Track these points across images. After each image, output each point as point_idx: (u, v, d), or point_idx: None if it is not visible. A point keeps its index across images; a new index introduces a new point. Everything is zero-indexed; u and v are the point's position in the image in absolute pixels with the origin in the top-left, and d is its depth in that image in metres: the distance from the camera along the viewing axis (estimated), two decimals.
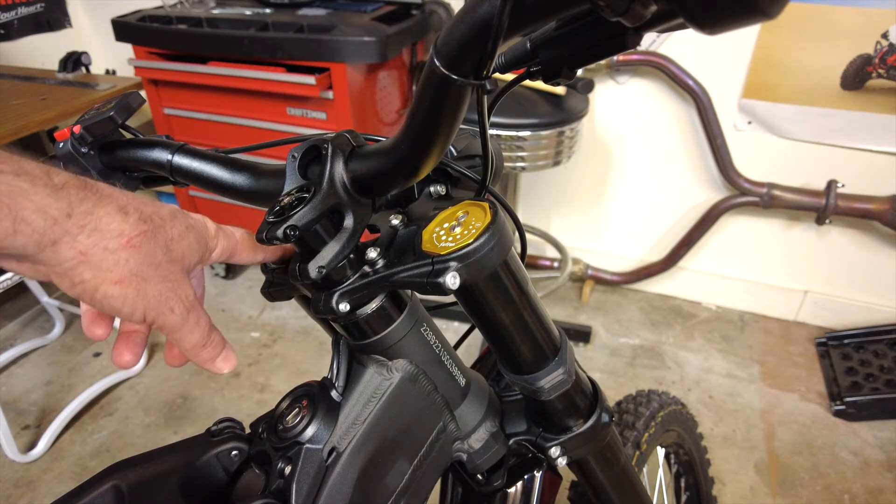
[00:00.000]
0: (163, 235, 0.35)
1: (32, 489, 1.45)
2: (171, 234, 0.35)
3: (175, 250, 0.36)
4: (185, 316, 0.36)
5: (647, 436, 0.84)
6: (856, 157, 1.67)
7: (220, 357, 0.40)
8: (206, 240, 0.39)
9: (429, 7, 1.75)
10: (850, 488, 1.45)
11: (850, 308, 1.90)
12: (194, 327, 0.37)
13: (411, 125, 0.35)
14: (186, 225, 0.37)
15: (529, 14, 0.28)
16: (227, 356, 0.40)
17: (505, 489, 0.51)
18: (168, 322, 0.36)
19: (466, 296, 0.41)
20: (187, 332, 0.37)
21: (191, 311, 0.36)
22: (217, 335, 0.39)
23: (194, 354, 0.38)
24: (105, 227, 0.32)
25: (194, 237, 0.37)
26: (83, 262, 0.32)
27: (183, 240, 0.36)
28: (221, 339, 0.40)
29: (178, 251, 0.36)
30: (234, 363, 0.41)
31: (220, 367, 0.40)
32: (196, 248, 0.38)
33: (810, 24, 1.52)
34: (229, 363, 0.40)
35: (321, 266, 0.37)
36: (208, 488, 0.41)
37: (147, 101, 1.87)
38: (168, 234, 0.35)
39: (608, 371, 1.79)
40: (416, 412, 0.43)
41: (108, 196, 0.33)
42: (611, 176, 1.98)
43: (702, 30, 0.24)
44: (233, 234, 0.42)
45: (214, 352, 0.39)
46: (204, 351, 0.38)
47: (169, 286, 0.35)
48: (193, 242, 0.37)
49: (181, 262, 0.36)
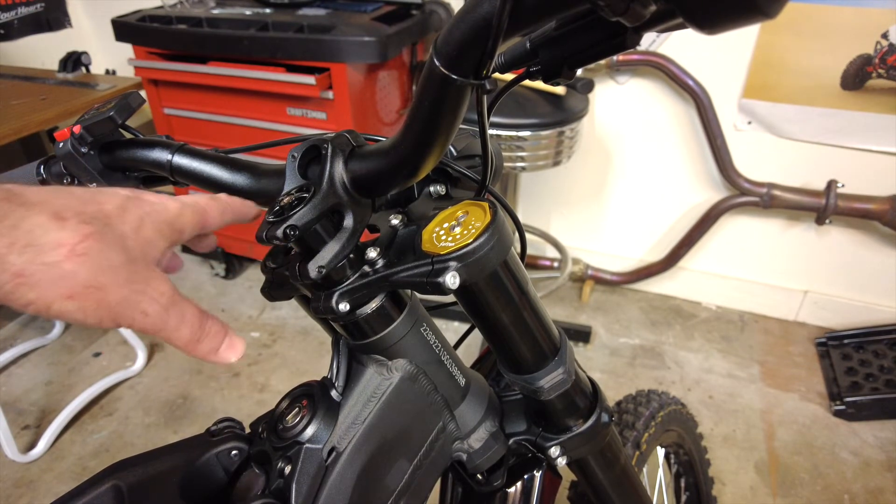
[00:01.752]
0: (113, 234, 0.31)
1: (32, 489, 1.45)
2: (123, 230, 0.31)
3: (133, 247, 0.32)
4: (164, 315, 0.32)
5: (646, 436, 0.84)
6: (856, 157, 1.67)
7: (224, 346, 0.36)
8: (170, 222, 0.35)
9: (429, 7, 1.75)
10: (850, 488, 1.45)
11: (850, 308, 1.90)
12: (179, 324, 0.33)
13: (411, 125, 0.35)
14: (141, 214, 0.33)
15: (529, 14, 0.28)
16: (232, 344, 0.37)
17: (505, 489, 0.51)
18: (145, 326, 0.32)
19: (466, 296, 0.41)
20: (172, 332, 0.33)
21: (170, 308, 0.32)
22: (213, 324, 0.36)
23: (190, 351, 0.35)
24: (39, 240, 0.28)
25: (153, 225, 0.33)
26: (22, 284, 0.28)
27: (140, 232, 0.32)
28: (220, 328, 0.36)
29: (138, 246, 0.32)
30: (241, 349, 0.37)
31: (224, 357, 0.36)
32: (159, 235, 0.34)
33: (810, 24, 1.52)
34: (234, 351, 0.37)
35: (321, 266, 0.37)
36: (208, 488, 0.41)
37: (147, 101, 1.87)
38: (120, 230, 0.31)
39: (608, 371, 1.79)
40: (415, 412, 0.43)
41: (38, 203, 0.29)
42: (611, 176, 1.98)
43: (701, 30, 0.24)
44: (197, 203, 0.38)
45: (213, 343, 0.35)
46: (200, 345, 0.35)
47: (135, 288, 0.31)
48: (154, 231, 0.33)
49: (145, 258, 0.32)
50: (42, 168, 0.50)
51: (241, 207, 0.42)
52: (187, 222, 0.36)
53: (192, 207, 0.37)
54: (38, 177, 0.50)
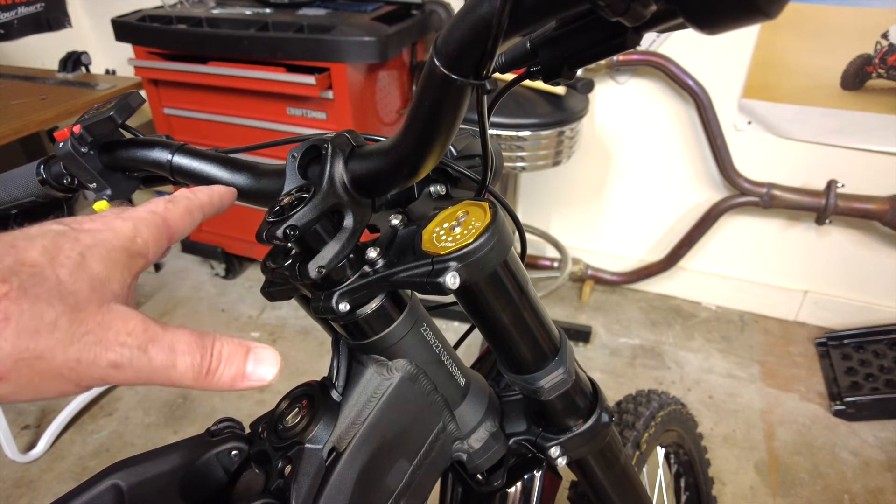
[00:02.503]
0: (43, 285, 0.24)
1: (32, 489, 1.45)
2: (58, 276, 0.25)
3: (77, 291, 0.25)
4: (143, 358, 0.26)
5: (646, 436, 0.84)
6: (856, 157, 1.67)
7: (251, 364, 0.29)
8: (124, 247, 0.29)
9: (429, 7, 1.75)
10: (850, 488, 1.45)
11: (850, 308, 1.90)
12: (171, 360, 0.27)
13: (411, 125, 0.35)
14: (80, 249, 0.27)
15: (529, 14, 0.28)
16: (260, 358, 0.30)
17: (505, 489, 0.51)
18: (126, 378, 0.26)
19: (466, 296, 0.41)
20: (166, 372, 0.27)
21: (149, 346, 0.26)
22: (222, 344, 0.29)
23: (207, 384, 0.28)
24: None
25: (101, 258, 0.27)
26: None
27: (84, 271, 0.26)
28: (235, 345, 0.29)
29: (84, 289, 0.26)
30: (275, 360, 0.30)
31: (259, 377, 0.29)
32: (113, 267, 0.27)
33: (810, 24, 1.52)
34: (266, 363, 0.30)
35: (321, 266, 0.37)
36: (208, 488, 0.41)
37: (147, 100, 1.87)
38: (52, 278, 0.25)
39: (608, 371, 1.79)
40: (415, 412, 0.43)
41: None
42: (611, 176, 1.98)
43: (702, 30, 0.24)
44: (153, 214, 0.31)
45: (233, 366, 0.29)
46: (216, 375, 0.28)
47: (88, 340, 0.25)
48: (104, 264, 0.27)
49: (96, 300, 0.26)
50: (42, 168, 0.50)
51: (209, 199, 0.36)
52: (147, 241, 0.30)
53: (146, 221, 0.31)
54: (37, 177, 0.50)
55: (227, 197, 0.38)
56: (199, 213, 0.35)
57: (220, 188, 0.38)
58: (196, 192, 0.35)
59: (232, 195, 0.39)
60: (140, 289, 2.18)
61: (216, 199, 0.37)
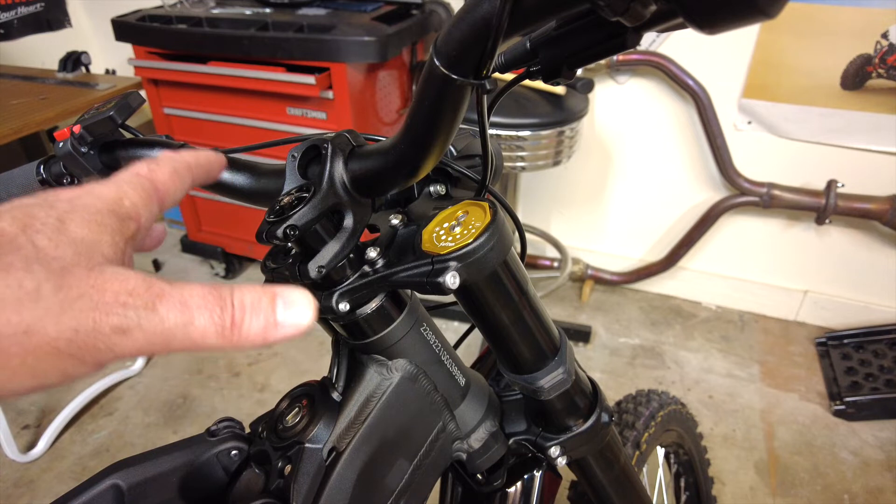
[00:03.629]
0: (18, 253, 0.21)
1: (32, 489, 1.45)
2: (33, 243, 0.22)
3: (60, 256, 0.22)
4: (153, 318, 0.22)
5: (646, 435, 0.84)
6: (856, 157, 1.67)
7: (281, 310, 0.25)
8: (110, 210, 0.26)
9: (429, 7, 1.75)
10: (850, 488, 1.45)
11: (849, 308, 1.90)
12: (187, 318, 0.23)
13: (411, 125, 0.35)
14: (58, 214, 0.24)
15: (529, 14, 0.28)
16: (290, 301, 0.25)
17: (505, 489, 0.51)
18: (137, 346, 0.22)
19: (466, 295, 0.41)
20: (182, 333, 0.23)
21: (157, 303, 0.23)
22: (242, 293, 0.25)
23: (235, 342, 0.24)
24: None
25: (84, 221, 0.24)
26: None
27: (66, 234, 0.23)
28: (257, 293, 0.25)
29: (66, 254, 0.23)
30: (309, 302, 0.25)
31: (295, 324, 0.25)
32: (100, 230, 0.25)
33: (810, 24, 1.52)
34: (300, 306, 0.25)
35: (321, 266, 0.37)
36: (208, 488, 0.41)
37: (147, 100, 1.87)
38: (27, 245, 0.22)
39: (608, 371, 1.79)
40: (415, 412, 0.43)
41: None
42: (611, 176, 1.98)
43: (701, 29, 0.24)
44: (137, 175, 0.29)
45: (261, 315, 0.24)
46: (243, 328, 0.24)
47: (84, 307, 0.21)
48: (89, 227, 0.24)
49: (84, 263, 0.23)
50: (42, 168, 0.50)
51: (195, 160, 0.33)
52: (136, 203, 0.27)
53: (132, 183, 0.28)
54: (37, 176, 0.50)
55: (216, 161, 0.35)
56: (187, 175, 0.32)
57: (207, 152, 0.35)
58: (181, 153, 0.32)
59: (221, 162, 0.36)
60: None
61: (203, 161, 0.34)
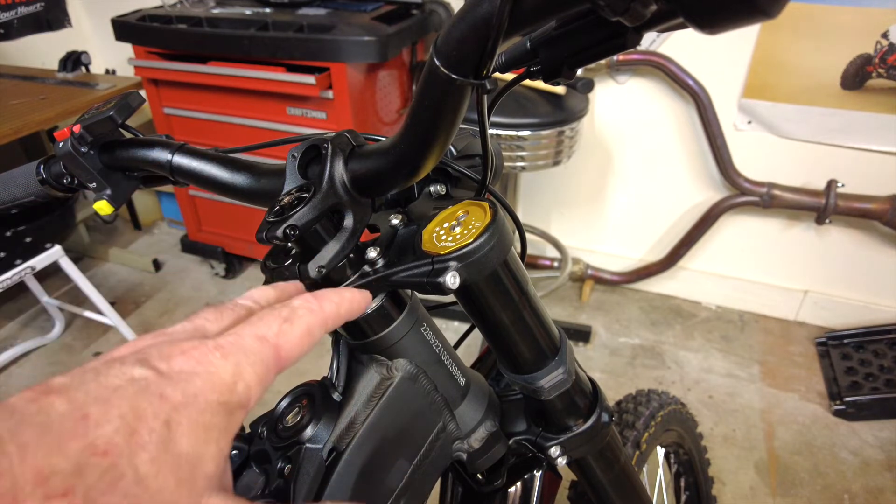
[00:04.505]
0: (118, 487, 0.17)
1: None
2: (136, 469, 0.18)
3: (160, 490, 0.18)
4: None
5: (646, 435, 0.84)
6: (856, 157, 1.67)
7: None
8: (223, 402, 0.21)
9: (429, 7, 1.75)
10: (850, 488, 1.45)
11: (850, 308, 1.90)
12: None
13: (411, 125, 0.35)
14: (167, 414, 0.19)
15: (529, 14, 0.28)
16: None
17: (505, 489, 0.51)
18: None
19: (466, 295, 0.41)
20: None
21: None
22: None
23: None
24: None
25: (190, 428, 0.20)
26: None
27: (168, 454, 0.19)
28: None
29: (167, 486, 0.19)
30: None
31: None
32: (207, 437, 0.20)
33: (810, 24, 1.52)
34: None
35: (321, 266, 0.37)
36: None
37: (147, 100, 1.87)
38: (130, 472, 0.18)
39: (608, 371, 1.79)
40: (416, 412, 0.43)
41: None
42: (611, 176, 1.98)
43: (702, 29, 0.24)
44: (264, 344, 0.24)
45: None
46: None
47: None
48: (197, 436, 0.20)
49: (185, 498, 0.19)
50: (42, 168, 0.50)
51: (336, 310, 0.28)
52: (251, 385, 0.22)
53: (253, 356, 0.23)
54: (37, 176, 0.50)
55: (360, 305, 0.30)
56: (320, 333, 0.27)
57: (352, 294, 0.30)
58: (323, 303, 0.27)
59: (366, 301, 0.31)
60: (140, 288, 2.18)
61: (344, 310, 0.29)
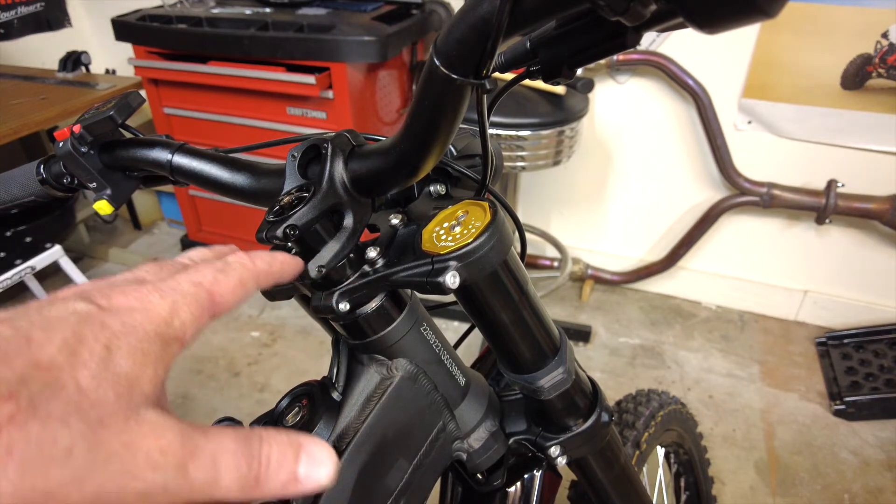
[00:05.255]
0: (61, 397, 0.19)
1: None
2: (77, 382, 0.20)
3: (100, 401, 0.20)
4: (180, 480, 0.21)
5: (646, 435, 0.84)
6: (856, 156, 1.67)
7: (304, 466, 0.25)
8: (159, 333, 0.23)
9: (429, 7, 1.75)
10: (850, 488, 1.45)
11: (849, 308, 1.90)
12: (211, 478, 0.22)
13: (411, 125, 0.35)
14: (107, 339, 0.21)
15: (529, 14, 0.28)
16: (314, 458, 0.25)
17: (505, 489, 0.51)
18: None
19: (466, 295, 0.41)
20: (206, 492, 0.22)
21: (188, 463, 0.22)
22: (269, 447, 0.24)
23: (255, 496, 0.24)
24: None
25: (131, 350, 0.22)
26: None
27: (108, 372, 0.21)
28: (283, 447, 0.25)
29: (107, 397, 0.20)
30: (331, 460, 0.26)
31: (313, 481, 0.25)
32: (144, 361, 0.22)
33: (810, 24, 1.52)
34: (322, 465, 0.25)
35: (321, 265, 0.37)
36: None
37: (147, 100, 1.87)
38: (71, 384, 0.20)
39: (608, 370, 1.79)
40: (415, 412, 0.43)
41: None
42: (611, 176, 1.98)
43: (701, 29, 0.24)
44: (199, 286, 0.26)
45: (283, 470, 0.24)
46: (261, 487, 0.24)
47: (112, 471, 0.20)
48: (134, 359, 0.22)
49: (123, 410, 0.21)
50: (42, 168, 0.50)
51: (268, 267, 0.30)
52: (186, 322, 0.25)
53: (189, 297, 0.25)
54: (37, 176, 0.50)
55: (291, 267, 0.32)
56: (252, 286, 0.29)
57: (283, 256, 0.32)
58: (255, 260, 0.30)
59: (297, 266, 0.33)
60: None
61: (276, 269, 0.31)
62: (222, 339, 1.91)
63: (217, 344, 1.89)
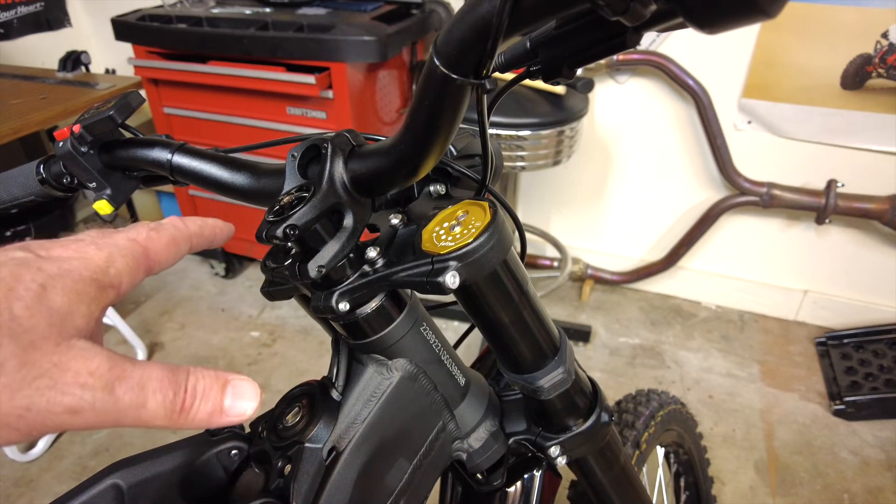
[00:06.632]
0: None
1: (32, 489, 1.45)
2: (11, 311, 0.23)
3: (32, 328, 0.23)
4: (108, 399, 0.23)
5: (646, 435, 0.84)
6: (856, 156, 1.67)
7: (229, 398, 0.27)
8: (94, 278, 0.26)
9: (429, 6, 1.75)
10: (850, 488, 1.45)
11: (849, 308, 1.90)
12: (141, 400, 0.24)
13: (411, 124, 0.35)
14: (42, 280, 0.24)
15: (529, 13, 0.28)
16: (239, 392, 0.27)
17: (504, 488, 0.51)
18: (80, 425, 0.23)
19: (466, 295, 0.41)
20: (133, 415, 0.24)
21: (114, 385, 0.24)
22: (197, 377, 0.26)
23: (181, 424, 0.26)
24: None
25: (66, 289, 0.25)
26: None
27: (43, 303, 0.24)
28: (211, 378, 0.27)
29: (39, 325, 0.23)
30: (256, 395, 0.28)
31: (237, 412, 0.27)
32: (79, 299, 0.25)
33: (810, 24, 1.52)
34: (247, 399, 0.28)
35: (321, 265, 0.37)
36: (208, 487, 0.41)
37: (147, 100, 1.87)
38: (5, 312, 0.23)
39: (608, 370, 1.79)
40: (415, 411, 0.43)
41: None
42: (611, 176, 1.98)
43: (701, 29, 0.24)
44: (133, 242, 0.29)
45: (209, 401, 0.26)
46: (191, 412, 0.26)
47: (42, 385, 0.22)
48: (68, 297, 0.25)
49: (54, 337, 0.23)
50: (42, 167, 0.50)
51: (200, 230, 0.34)
52: (121, 271, 0.27)
53: (124, 250, 0.28)
54: (37, 176, 0.50)
55: (221, 233, 0.36)
56: (185, 245, 0.32)
57: (215, 221, 0.35)
58: (186, 222, 0.33)
59: (229, 231, 0.36)
60: (140, 289, 2.18)
61: (207, 232, 0.34)
62: (222, 338, 1.91)
63: (217, 344, 1.89)
